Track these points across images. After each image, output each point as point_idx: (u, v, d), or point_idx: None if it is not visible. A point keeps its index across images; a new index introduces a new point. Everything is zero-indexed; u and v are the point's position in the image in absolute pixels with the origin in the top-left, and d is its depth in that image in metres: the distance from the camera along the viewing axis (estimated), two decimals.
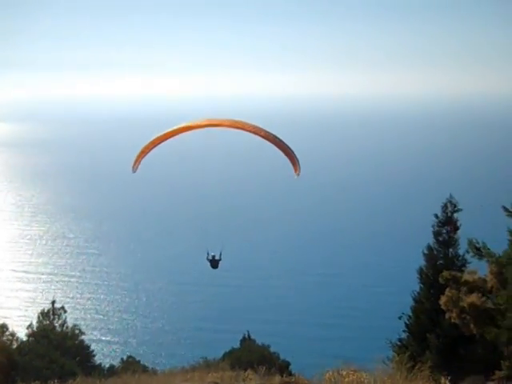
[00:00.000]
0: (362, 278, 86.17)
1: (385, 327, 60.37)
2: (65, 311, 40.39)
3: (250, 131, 22.25)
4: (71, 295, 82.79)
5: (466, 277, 29.54)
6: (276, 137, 22.58)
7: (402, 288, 45.75)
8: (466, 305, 26.21)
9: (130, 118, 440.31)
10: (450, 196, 39.56)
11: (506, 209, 21.41)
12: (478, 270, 31.38)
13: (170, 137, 23.17)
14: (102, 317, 76.45)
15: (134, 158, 23.88)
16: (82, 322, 68.09)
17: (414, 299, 37.79)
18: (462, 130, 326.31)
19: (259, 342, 42.28)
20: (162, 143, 24.05)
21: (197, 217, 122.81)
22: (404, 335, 34.55)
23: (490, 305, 25.89)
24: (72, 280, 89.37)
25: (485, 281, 27.87)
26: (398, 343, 33.62)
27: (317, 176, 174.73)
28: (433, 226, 39.38)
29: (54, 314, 39.64)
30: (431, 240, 39.04)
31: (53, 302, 40.49)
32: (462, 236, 35.86)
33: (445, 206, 39.08)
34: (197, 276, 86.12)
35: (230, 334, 63.65)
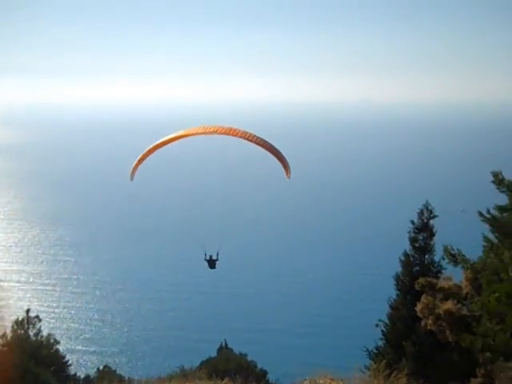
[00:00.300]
0: (339, 285, 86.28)
1: (363, 335, 60.64)
2: (40, 320, 39.75)
3: (242, 138, 22.86)
4: (46, 304, 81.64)
5: (442, 283, 29.67)
6: (267, 142, 23.54)
7: (380, 295, 45.85)
8: (441, 312, 26.30)
9: (110, 124, 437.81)
10: (426, 202, 39.83)
11: (481, 214, 21.53)
12: (454, 276, 31.57)
13: (166, 144, 23.69)
14: (77, 326, 75.50)
15: (131, 167, 24.78)
16: (58, 331, 67.26)
17: (391, 306, 37.87)
18: (441, 137, 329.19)
19: (236, 350, 42.04)
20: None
21: (174, 223, 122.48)
22: (381, 343, 34.58)
23: (465, 311, 26.00)
24: (47, 288, 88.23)
25: (460, 287, 28.01)
26: (375, 351, 33.64)
27: (294, 183, 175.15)
28: (409, 233, 39.62)
29: (28, 323, 39.01)
30: (408, 246, 39.25)
31: (27, 311, 39.83)
32: (438, 242, 36.10)
33: (421, 213, 39.33)
34: (174, 284, 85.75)
35: (207, 343, 63.37)
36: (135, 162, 24.63)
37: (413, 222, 39.34)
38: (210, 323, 72.95)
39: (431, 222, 38.83)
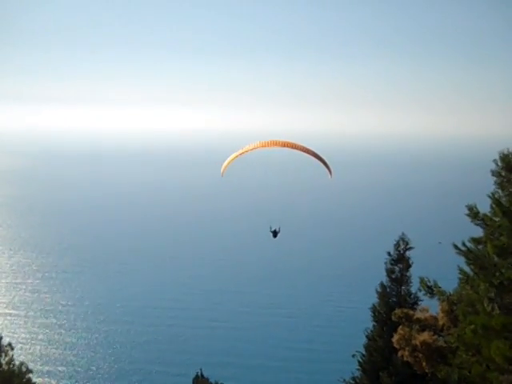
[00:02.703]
0: (316, 317, 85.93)
1: (339, 366, 60.47)
2: (12, 348, 39.02)
3: (299, 149, 29.42)
4: (16, 333, 79.76)
5: (418, 315, 29.88)
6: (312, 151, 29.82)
7: (358, 326, 45.90)
8: (418, 343, 26.44)
9: (85, 153, 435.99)
10: (403, 234, 40.27)
11: (456, 247, 21.85)
12: (430, 307, 31.82)
13: (247, 152, 29.49)
14: (47, 358, 73.58)
15: (223, 167, 30.67)
16: (30, 362, 65.82)
17: (367, 337, 38.01)
18: (419, 170, 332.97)
19: (212, 380, 41.71)
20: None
21: (142, 251, 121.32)
22: (358, 373, 34.58)
23: (441, 343, 26.18)
24: (17, 317, 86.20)
25: (436, 319, 28.21)
26: (352, 382, 33.61)
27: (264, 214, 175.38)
28: (386, 264, 39.95)
29: (0, 351, 38.27)
30: (384, 278, 39.53)
31: None
32: (415, 274, 36.39)
33: (397, 244, 39.74)
34: (145, 315, 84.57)
35: (181, 377, 62.79)
36: (225, 163, 30.59)
37: (389, 254, 39.72)
38: (184, 357, 71.79)
39: (407, 253, 39.27)
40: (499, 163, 21.13)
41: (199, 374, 42.52)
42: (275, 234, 34.16)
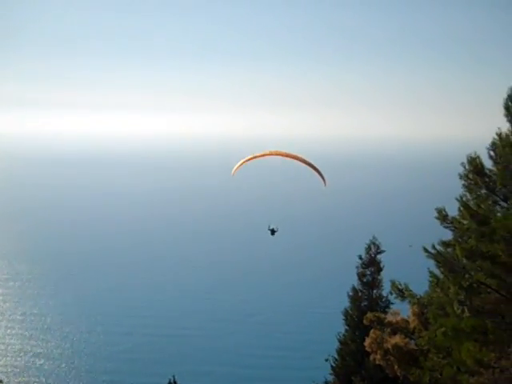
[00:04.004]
0: (288, 324, 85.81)
1: (312, 373, 60.41)
2: None
3: (300, 160, 31.63)
4: None
5: (390, 318, 30.02)
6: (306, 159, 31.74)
7: (330, 331, 45.91)
8: (389, 346, 26.55)
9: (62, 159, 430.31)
10: (374, 237, 40.50)
11: (426, 250, 21.93)
12: (401, 310, 31.99)
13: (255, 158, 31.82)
14: (18, 370, 72.09)
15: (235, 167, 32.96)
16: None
17: (340, 341, 38.11)
18: (389, 172, 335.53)
19: None
20: None
21: (113, 258, 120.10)
22: (330, 378, 34.60)
23: (412, 346, 26.30)
24: None
25: (407, 322, 28.36)
26: None
27: (234, 218, 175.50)
28: (357, 268, 40.13)
29: None
30: (356, 281, 39.70)
31: None
32: (386, 277, 36.58)
33: (368, 248, 39.96)
34: (118, 324, 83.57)
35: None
36: (237, 165, 32.84)
37: (360, 257, 39.95)
38: (155, 367, 71.10)
39: (378, 257, 39.52)
40: (467, 166, 21.30)
41: (171, 381, 42.10)
42: (273, 232, 36.18)
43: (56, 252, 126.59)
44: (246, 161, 32.40)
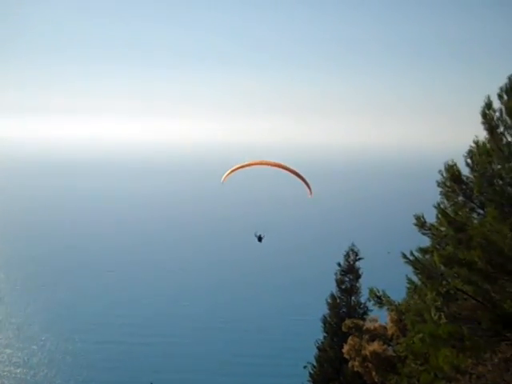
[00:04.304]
0: (267, 331, 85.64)
1: (290, 380, 60.34)
2: None
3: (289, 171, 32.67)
4: None
5: (368, 325, 30.15)
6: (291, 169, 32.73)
7: (309, 338, 45.88)
8: (367, 353, 26.64)
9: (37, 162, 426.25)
10: (352, 244, 40.73)
11: (404, 256, 22.05)
12: (380, 317, 32.13)
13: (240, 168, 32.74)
14: None
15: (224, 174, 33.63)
16: None
17: (318, 348, 38.17)
18: (368, 179, 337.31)
19: None
20: None
21: (89, 265, 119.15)
22: None
23: (390, 352, 26.41)
24: None
25: (386, 328, 28.49)
26: None
27: (211, 225, 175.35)
28: (336, 275, 40.29)
29: None
30: (334, 288, 39.84)
31: None
32: (364, 284, 36.75)
33: (347, 255, 40.17)
34: (94, 332, 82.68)
35: None
36: (226, 173, 33.53)
37: (339, 264, 40.14)
38: (132, 375, 70.54)
39: (357, 264, 39.74)
40: (444, 174, 21.50)
41: None
42: (260, 239, 36.83)
43: (35, 258, 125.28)
44: (236, 169, 33.07)
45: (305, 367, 38.37)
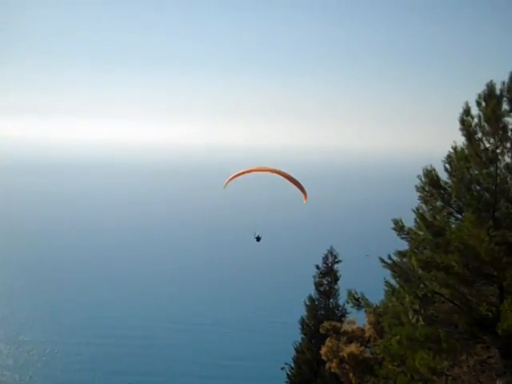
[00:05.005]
0: (245, 333, 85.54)
1: (268, 382, 60.46)
2: None
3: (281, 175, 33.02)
4: None
5: (346, 327, 30.38)
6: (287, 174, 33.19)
7: (287, 340, 46.01)
8: (345, 355, 26.84)
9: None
10: (331, 247, 40.98)
11: (382, 260, 22.26)
12: (357, 319, 32.38)
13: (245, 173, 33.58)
14: None
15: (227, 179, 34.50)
16: None
17: (296, 349, 38.35)
18: (346, 183, 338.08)
19: None
20: None
21: (68, 266, 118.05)
22: None
23: (368, 354, 26.63)
24: None
25: (363, 331, 28.74)
26: None
27: (189, 230, 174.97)
28: (314, 277, 40.52)
29: None
30: (313, 291, 40.06)
31: None
32: (343, 286, 36.99)
33: (326, 257, 40.40)
34: (74, 334, 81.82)
35: None
36: (228, 178, 34.43)
37: (318, 267, 40.37)
38: (115, 376, 69.96)
39: (336, 266, 40.01)
40: (423, 179, 21.76)
41: None
42: (258, 239, 38.18)
43: (17, 260, 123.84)
44: (237, 175, 34.04)
45: (282, 369, 38.54)
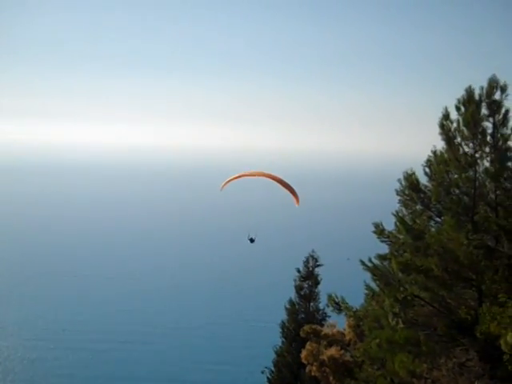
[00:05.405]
0: (225, 337, 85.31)
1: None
2: None
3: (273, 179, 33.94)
4: None
5: (326, 330, 30.42)
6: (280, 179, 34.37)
7: (267, 344, 45.96)
8: (325, 358, 26.87)
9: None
10: (312, 251, 41.04)
11: (363, 263, 22.32)
12: (338, 323, 32.45)
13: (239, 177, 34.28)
14: None
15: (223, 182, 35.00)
16: None
17: (276, 353, 38.32)
18: (326, 186, 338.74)
19: None
20: None
21: (50, 269, 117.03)
22: None
23: (348, 357, 26.68)
24: None
25: (343, 334, 28.80)
26: None
27: (175, 235, 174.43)
28: (295, 281, 40.55)
29: None
30: (293, 294, 40.08)
31: None
32: (323, 290, 37.03)
33: (306, 261, 40.46)
34: (55, 338, 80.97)
35: None
36: (225, 181, 34.94)
37: (298, 271, 40.41)
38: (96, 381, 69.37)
39: (316, 270, 40.07)
40: (403, 182, 21.89)
41: None
42: (252, 240, 38.96)
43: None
44: (233, 179, 34.72)
45: (262, 372, 38.49)
